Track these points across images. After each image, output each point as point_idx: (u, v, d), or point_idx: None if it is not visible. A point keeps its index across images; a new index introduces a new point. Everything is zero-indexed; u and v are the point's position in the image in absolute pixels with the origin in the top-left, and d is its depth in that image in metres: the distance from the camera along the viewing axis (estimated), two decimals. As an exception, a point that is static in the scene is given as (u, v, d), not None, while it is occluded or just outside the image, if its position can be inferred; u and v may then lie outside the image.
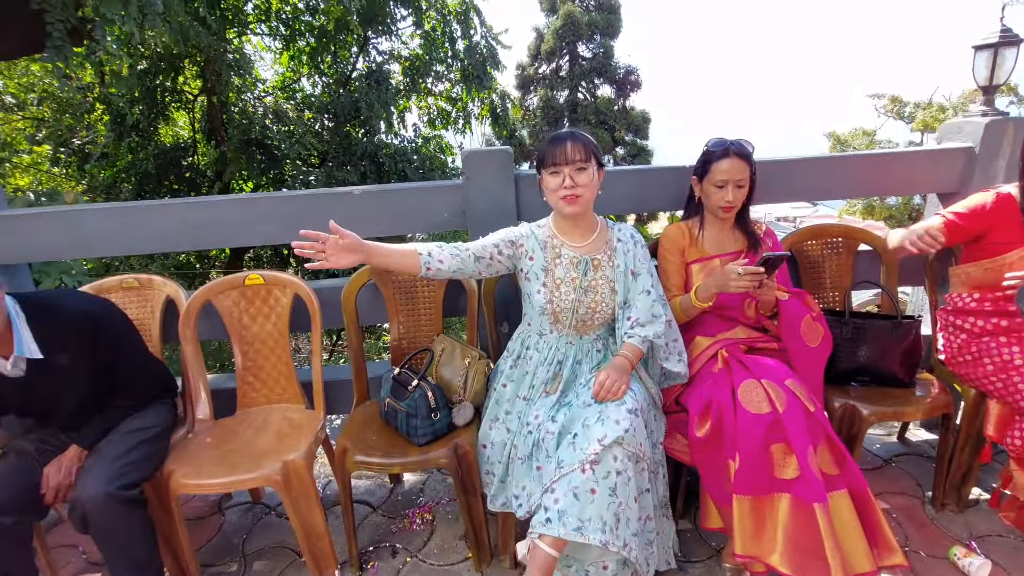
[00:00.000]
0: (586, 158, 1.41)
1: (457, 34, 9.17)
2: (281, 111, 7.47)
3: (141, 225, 1.77)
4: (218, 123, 7.68)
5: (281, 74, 10.15)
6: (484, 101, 9.79)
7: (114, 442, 1.45)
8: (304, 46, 9.49)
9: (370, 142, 7.90)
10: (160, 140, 7.92)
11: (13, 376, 1.36)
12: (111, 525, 1.35)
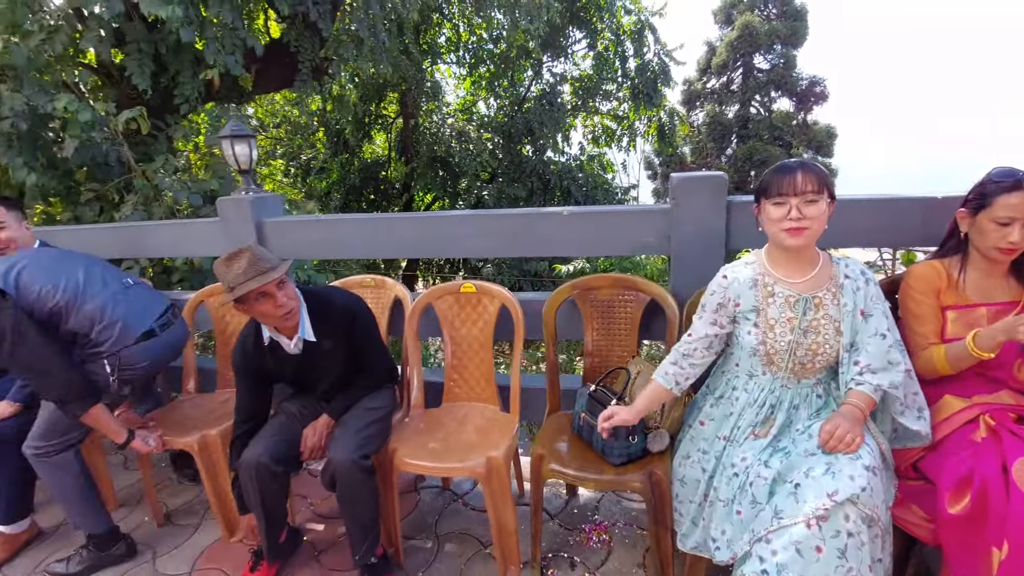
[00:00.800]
0: (818, 190, 1.30)
1: (629, 52, 9.21)
2: (464, 131, 8.20)
3: (381, 234, 2.08)
4: (409, 142, 8.72)
5: (462, 98, 11.16)
6: (652, 119, 9.65)
7: (355, 417, 1.71)
8: (484, 72, 10.35)
9: (539, 160, 8.28)
10: (363, 157, 9.26)
11: (293, 353, 1.69)
12: (351, 487, 1.59)
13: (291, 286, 1.63)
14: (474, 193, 8.14)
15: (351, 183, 8.32)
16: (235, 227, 2.19)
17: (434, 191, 8.09)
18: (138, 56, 3.60)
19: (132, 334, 1.76)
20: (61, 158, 3.34)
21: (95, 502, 1.87)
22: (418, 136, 8.92)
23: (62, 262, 1.77)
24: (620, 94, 9.78)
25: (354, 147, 8.68)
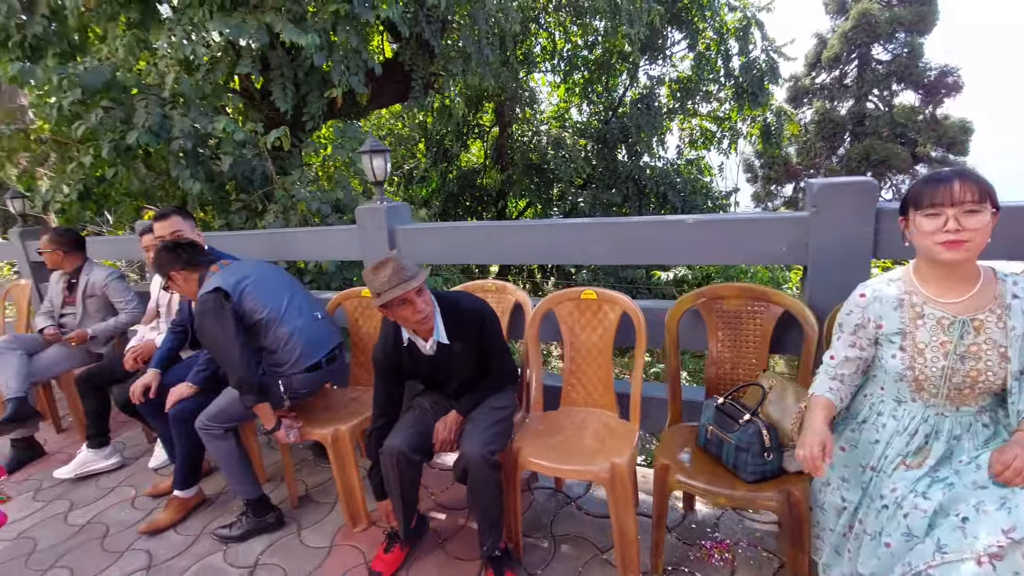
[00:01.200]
0: (979, 199, 1.18)
1: (733, 51, 8.80)
2: (559, 138, 8.28)
3: (503, 241, 2.17)
4: (504, 150, 8.95)
5: (555, 105, 11.26)
6: (756, 119, 9.14)
7: (483, 415, 1.80)
8: (579, 78, 10.37)
9: (634, 165, 8.15)
10: (460, 165, 9.65)
11: (428, 354, 1.82)
12: (481, 481, 1.67)
13: (428, 293, 1.76)
14: (568, 199, 8.17)
15: (449, 191, 8.70)
16: (370, 233, 2.39)
17: (528, 198, 8.23)
18: (280, 80, 4.05)
19: (303, 364, 2.01)
20: (217, 172, 3.83)
21: (249, 472, 2.13)
22: (512, 144, 9.13)
23: (278, 286, 2.05)
24: (721, 94, 9.36)
25: (453, 156, 9.07)
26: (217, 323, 1.85)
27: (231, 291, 1.91)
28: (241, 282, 1.96)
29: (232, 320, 1.87)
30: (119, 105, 3.39)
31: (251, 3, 3.83)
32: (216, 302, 1.87)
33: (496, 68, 6.17)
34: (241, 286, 1.95)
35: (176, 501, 2.26)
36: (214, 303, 1.87)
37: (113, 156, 3.30)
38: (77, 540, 2.21)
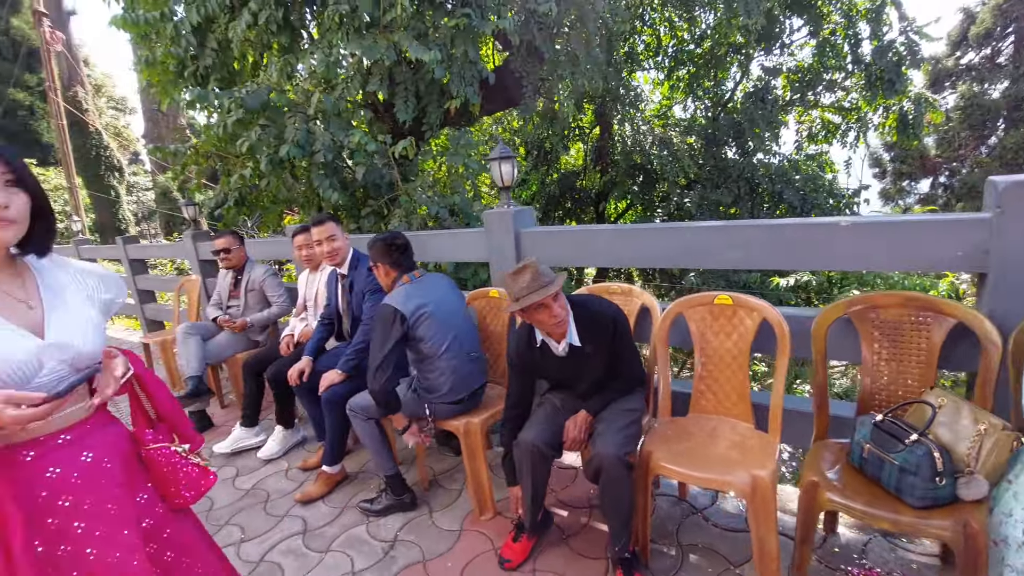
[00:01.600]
0: None
1: (863, 35, 7.99)
2: (666, 137, 8.04)
3: (630, 244, 2.18)
4: (605, 151, 8.86)
5: (658, 102, 10.94)
6: (891, 108, 8.21)
7: (615, 416, 1.82)
8: (684, 74, 9.99)
9: (746, 163, 7.70)
10: (560, 168, 9.70)
11: (559, 355, 1.88)
12: (614, 481, 1.69)
13: (563, 298, 1.81)
14: (673, 200, 7.90)
15: (550, 193, 8.78)
16: (497, 237, 2.50)
17: (630, 199, 8.08)
18: (404, 94, 4.35)
19: (449, 398, 2.16)
20: (350, 180, 4.20)
21: (388, 452, 2.34)
22: (614, 145, 9.01)
23: (449, 318, 2.16)
24: (848, 83, 8.53)
25: (553, 159, 9.15)
26: (382, 335, 2.03)
27: (409, 316, 2.04)
28: (420, 309, 2.07)
29: (395, 341, 2.02)
30: (273, 123, 3.84)
31: (381, 24, 4.16)
32: (392, 318, 2.03)
33: (603, 68, 6.14)
34: (418, 313, 2.07)
35: (324, 476, 2.52)
36: (391, 319, 2.02)
37: (268, 168, 3.75)
38: (244, 503, 2.55)
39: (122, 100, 20.23)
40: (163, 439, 1.19)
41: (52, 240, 1.06)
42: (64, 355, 1.01)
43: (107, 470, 1.07)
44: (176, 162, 4.76)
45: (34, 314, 1.01)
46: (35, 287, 1.04)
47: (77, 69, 12.43)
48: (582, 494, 2.32)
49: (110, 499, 1.06)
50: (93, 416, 1.09)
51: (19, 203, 0.95)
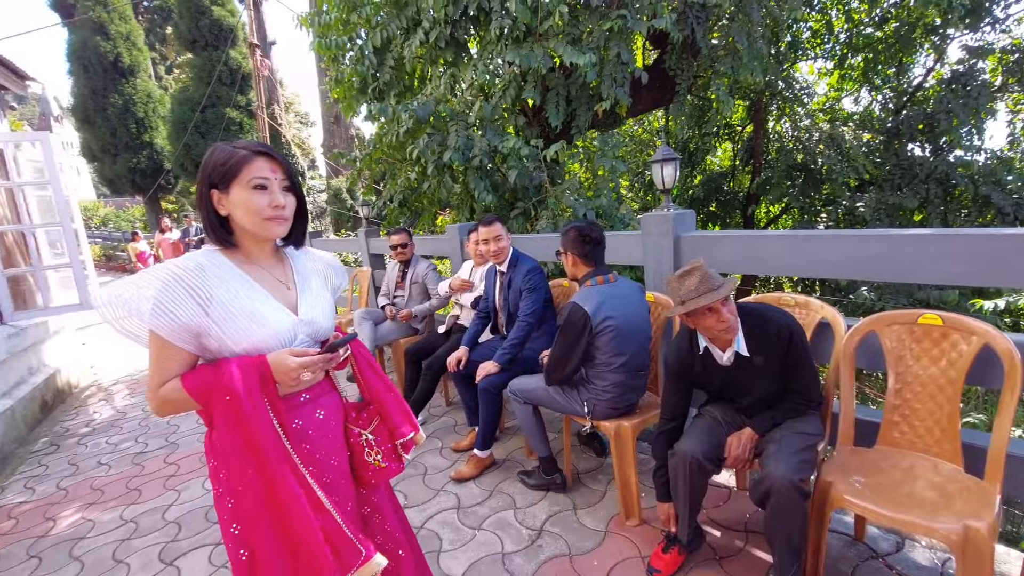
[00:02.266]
0: None
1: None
2: (835, 134, 7.19)
3: (810, 252, 2.00)
4: (759, 150, 8.19)
5: (824, 95, 9.83)
6: None
7: (789, 438, 1.69)
8: (858, 61, 8.85)
9: (940, 160, 6.56)
10: (705, 169, 9.19)
11: (723, 364, 1.79)
12: (786, 508, 1.57)
13: (732, 303, 1.73)
14: (842, 204, 7.01)
15: (693, 196, 8.36)
16: (655, 240, 2.46)
17: (787, 202, 7.35)
18: (555, 99, 4.47)
19: (609, 405, 2.17)
20: (501, 183, 4.43)
21: (543, 434, 2.43)
22: (769, 143, 8.28)
23: (631, 334, 2.13)
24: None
25: (697, 160, 8.69)
26: (572, 338, 2.10)
27: (595, 324, 2.08)
28: (607, 320, 2.08)
29: (580, 342, 2.08)
30: (438, 131, 4.19)
31: (537, 33, 4.31)
32: (581, 323, 2.07)
33: (765, 60, 5.68)
34: (604, 325, 2.08)
35: (475, 459, 2.70)
36: (580, 320, 2.07)
37: (432, 172, 4.10)
38: (406, 473, 2.82)
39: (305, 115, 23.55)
40: (363, 422, 1.34)
41: (306, 234, 1.29)
42: (310, 329, 1.22)
43: (332, 427, 1.27)
44: (352, 167, 5.42)
45: (290, 294, 1.24)
46: (291, 272, 1.27)
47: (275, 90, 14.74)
48: (736, 516, 2.19)
49: (333, 452, 1.26)
50: (322, 382, 1.30)
51: (291, 204, 1.17)
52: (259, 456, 1.06)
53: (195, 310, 1.05)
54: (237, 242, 1.16)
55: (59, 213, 4.54)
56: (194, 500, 2.78)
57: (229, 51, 19.33)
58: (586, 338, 2.08)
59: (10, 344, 3.95)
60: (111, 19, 18.80)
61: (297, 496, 1.07)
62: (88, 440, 3.80)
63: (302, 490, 1.09)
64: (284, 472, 1.07)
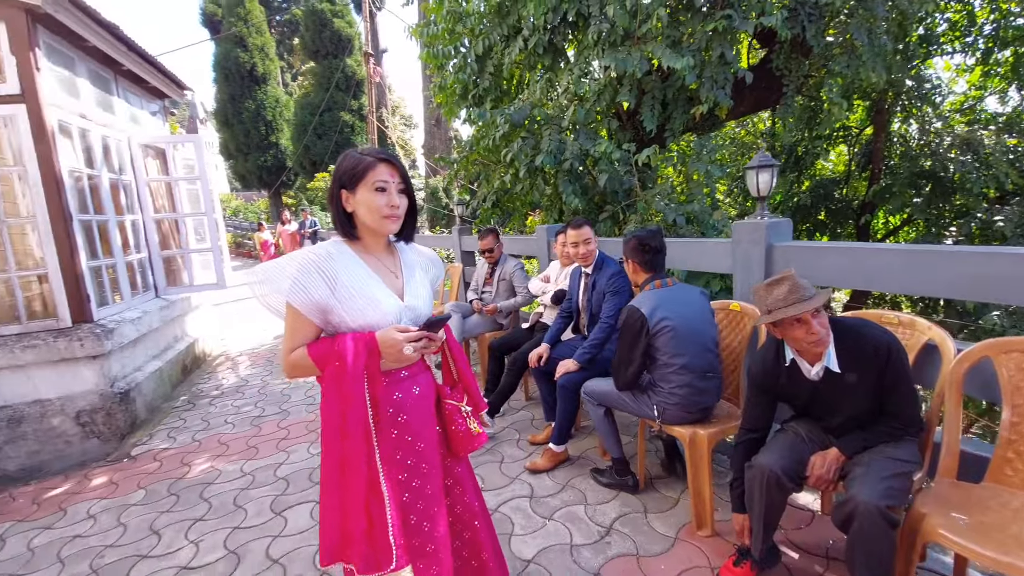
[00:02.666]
0: None
1: None
2: (973, 137, 6.40)
3: (928, 269, 1.85)
4: (879, 155, 7.46)
5: (964, 94, 8.74)
6: None
7: (879, 462, 1.60)
8: (1007, 56, 7.77)
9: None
10: (815, 175, 8.52)
11: (811, 379, 1.74)
12: (871, 535, 1.50)
13: (824, 316, 1.67)
14: (977, 217, 6.20)
15: (799, 203, 7.80)
16: (745, 248, 2.40)
17: (909, 212, 6.62)
18: (650, 102, 4.43)
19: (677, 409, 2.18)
20: (591, 186, 4.48)
21: (616, 436, 2.49)
22: (891, 147, 7.51)
23: (689, 339, 2.15)
24: None
25: (806, 164, 8.09)
26: (628, 336, 2.18)
27: (652, 326, 2.14)
28: (663, 321, 2.13)
29: (639, 344, 2.15)
30: (532, 135, 4.34)
31: (635, 36, 4.31)
32: (638, 325, 2.14)
33: (889, 57, 5.20)
34: (660, 326, 2.13)
35: (550, 452, 2.80)
36: (638, 325, 2.14)
37: (525, 175, 4.26)
38: (484, 459, 2.98)
39: (409, 118, 24.96)
40: (458, 396, 1.51)
41: (415, 231, 1.46)
42: (412, 314, 1.39)
43: (426, 403, 1.44)
44: (449, 168, 5.73)
45: (398, 282, 1.41)
46: (399, 263, 1.45)
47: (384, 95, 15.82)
48: (817, 541, 2.10)
49: (427, 424, 1.42)
50: (418, 362, 1.46)
51: (404, 205, 1.35)
52: (344, 424, 1.24)
53: (324, 290, 1.25)
54: (359, 235, 1.36)
55: (204, 204, 5.27)
56: (300, 462, 3.14)
57: (346, 59, 21.00)
58: (644, 339, 2.12)
59: (163, 314, 4.67)
60: (249, 33, 21.16)
61: (360, 474, 1.24)
62: (217, 402, 4.40)
63: (367, 469, 1.26)
64: (359, 446, 1.24)
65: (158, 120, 5.67)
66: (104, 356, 3.61)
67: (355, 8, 21.73)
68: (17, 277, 3.47)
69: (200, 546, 2.39)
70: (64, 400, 3.50)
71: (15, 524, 2.74)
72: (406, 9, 12.35)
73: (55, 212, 3.47)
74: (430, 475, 1.38)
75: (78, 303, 3.57)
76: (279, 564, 2.21)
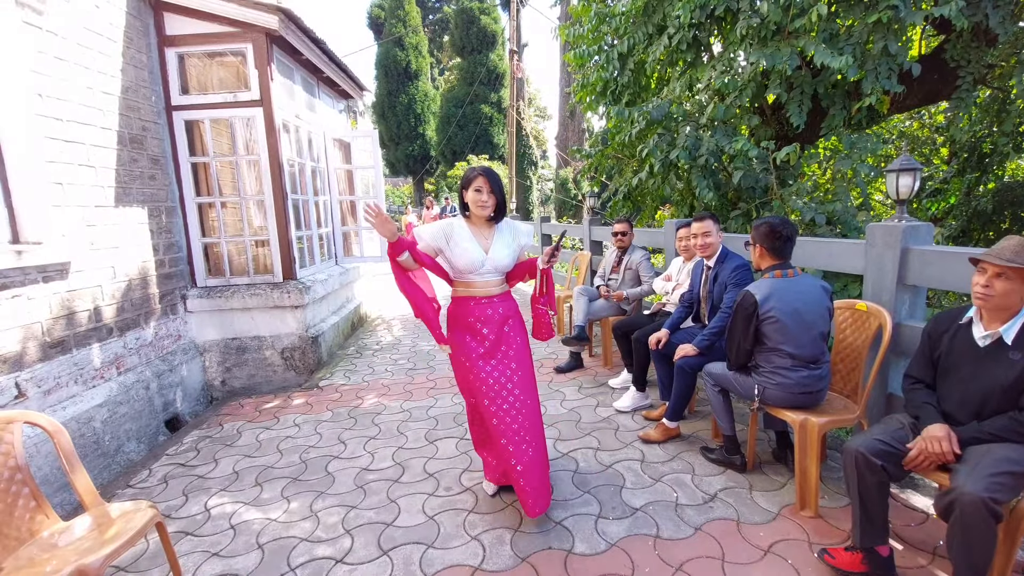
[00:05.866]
0: None
1: None
2: None
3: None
4: (1097, 154, 6.24)
5: None
6: None
7: (992, 457, 1.65)
8: None
9: None
10: (1003, 176, 7.36)
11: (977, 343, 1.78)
12: (973, 526, 1.57)
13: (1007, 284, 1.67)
14: None
15: (978, 208, 6.83)
16: (879, 251, 2.44)
17: None
18: (799, 98, 4.33)
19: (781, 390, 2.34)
20: (724, 182, 4.53)
21: (729, 415, 2.69)
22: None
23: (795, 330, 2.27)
24: None
25: (991, 164, 7.03)
26: (742, 322, 2.38)
27: (762, 312, 2.31)
28: (772, 309, 2.28)
29: (751, 328, 2.34)
30: (668, 131, 4.50)
31: (786, 31, 4.23)
32: (751, 309, 2.33)
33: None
34: (769, 315, 2.29)
35: (663, 427, 3.07)
36: (749, 309, 2.33)
37: (659, 170, 4.45)
38: (600, 425, 3.34)
39: (543, 109, 25.60)
40: (544, 304, 2.48)
41: (504, 215, 2.36)
42: (492, 264, 2.30)
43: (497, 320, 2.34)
44: (584, 160, 6.05)
45: (488, 243, 2.31)
46: (493, 234, 2.34)
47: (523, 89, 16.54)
48: (927, 538, 2.14)
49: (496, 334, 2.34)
50: (500, 294, 2.37)
51: (492, 201, 2.26)
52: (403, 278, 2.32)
53: (442, 240, 2.28)
54: (470, 215, 2.31)
55: (374, 188, 6.24)
56: (446, 407, 3.77)
57: (489, 55, 22.14)
58: (754, 323, 2.32)
59: (341, 278, 5.69)
60: (406, 32, 23.25)
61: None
62: (378, 354, 5.29)
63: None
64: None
65: (343, 117, 6.78)
66: (303, 307, 4.58)
67: (502, 5, 22.78)
68: (250, 241, 4.56)
69: (375, 456, 3.09)
70: (274, 338, 4.53)
71: (246, 423, 3.72)
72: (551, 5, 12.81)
73: (277, 191, 4.47)
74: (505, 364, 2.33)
75: (288, 264, 4.57)
76: (433, 477, 2.80)
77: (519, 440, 2.26)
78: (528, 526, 2.33)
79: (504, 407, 2.27)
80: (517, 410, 2.29)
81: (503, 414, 2.27)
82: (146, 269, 3.85)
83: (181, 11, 4.13)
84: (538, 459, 2.31)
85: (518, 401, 2.30)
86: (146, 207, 3.88)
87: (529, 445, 2.28)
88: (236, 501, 2.70)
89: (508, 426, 2.26)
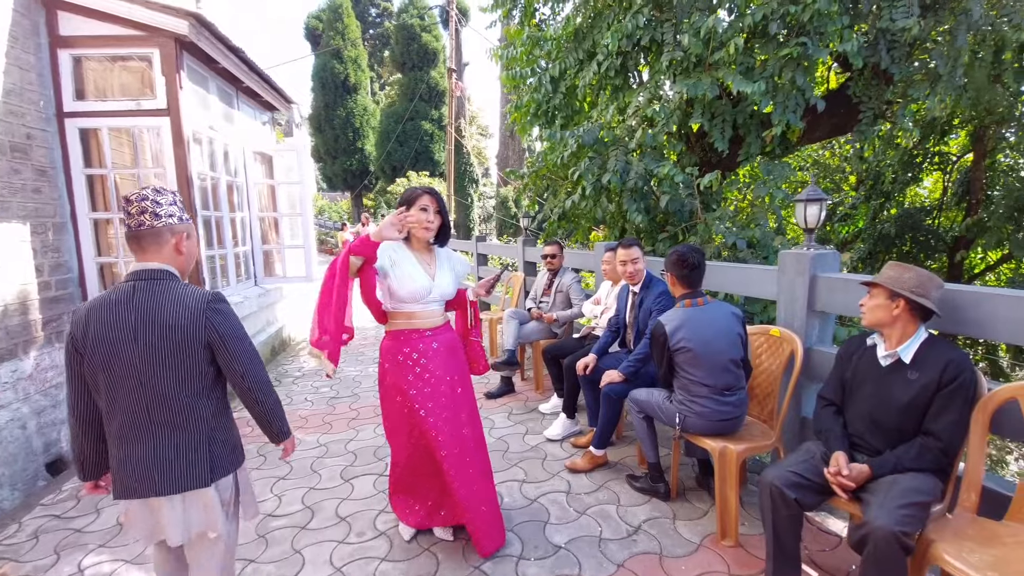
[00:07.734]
0: None
1: None
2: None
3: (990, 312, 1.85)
4: (978, 186, 6.97)
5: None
6: None
7: (899, 490, 1.66)
8: None
9: None
10: (903, 202, 8.05)
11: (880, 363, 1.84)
12: (885, 559, 1.56)
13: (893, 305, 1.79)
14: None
15: (882, 232, 7.41)
16: (789, 277, 2.50)
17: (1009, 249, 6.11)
18: (720, 125, 4.51)
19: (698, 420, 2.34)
20: (654, 206, 4.62)
21: (654, 443, 2.66)
22: (994, 177, 6.98)
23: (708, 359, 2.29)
24: None
25: (893, 192, 7.68)
26: (656, 352, 2.44)
27: (672, 344, 2.34)
28: (682, 340, 2.31)
29: (665, 356, 2.39)
30: (599, 155, 4.55)
31: (707, 63, 4.42)
32: (662, 339, 2.36)
33: (980, 87, 4.93)
34: (679, 345, 2.32)
35: (589, 455, 3.00)
36: (662, 338, 2.36)
37: (591, 193, 4.48)
38: (528, 455, 3.23)
39: (485, 128, 25.81)
40: (475, 334, 2.42)
41: (447, 239, 2.23)
42: (438, 292, 2.15)
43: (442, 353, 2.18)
44: (519, 181, 6.05)
45: (432, 270, 2.16)
46: (434, 259, 2.20)
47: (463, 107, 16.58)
48: (840, 564, 2.16)
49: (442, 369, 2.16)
50: (442, 325, 2.23)
51: (437, 221, 2.12)
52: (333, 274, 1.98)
53: (386, 261, 2.07)
54: (409, 239, 2.15)
55: (301, 205, 5.93)
56: (367, 440, 3.54)
57: (430, 72, 22.10)
58: (666, 352, 2.35)
59: (260, 300, 5.32)
60: (345, 45, 22.82)
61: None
62: (299, 382, 4.95)
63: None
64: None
65: (267, 129, 6.43)
66: (213, 332, 4.21)
67: (442, 24, 22.89)
68: (153, 261, 4.16)
69: (282, 499, 2.82)
70: (179, 367, 4.13)
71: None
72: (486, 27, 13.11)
73: (185, 207, 4.11)
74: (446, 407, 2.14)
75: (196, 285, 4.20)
76: (345, 522, 2.58)
77: (470, 479, 2.17)
78: (443, 573, 2.17)
79: (456, 451, 2.14)
80: (468, 448, 2.18)
81: (457, 454, 2.14)
82: (26, 293, 3.39)
83: (78, 10, 3.75)
84: (489, 496, 2.24)
85: (469, 440, 2.20)
86: (28, 223, 3.44)
87: (479, 484, 2.20)
88: (116, 559, 2.35)
89: (459, 465, 2.14)
